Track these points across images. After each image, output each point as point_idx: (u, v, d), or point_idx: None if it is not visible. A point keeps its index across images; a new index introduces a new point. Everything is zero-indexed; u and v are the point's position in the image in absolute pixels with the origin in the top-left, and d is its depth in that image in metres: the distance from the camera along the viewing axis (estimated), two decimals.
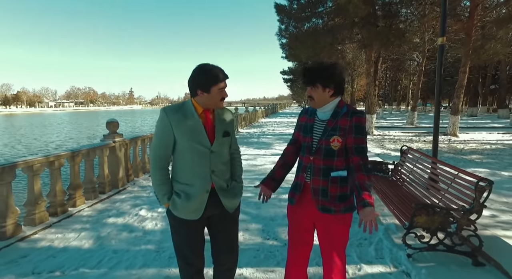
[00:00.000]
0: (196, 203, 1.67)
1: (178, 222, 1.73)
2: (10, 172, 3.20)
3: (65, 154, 4.02)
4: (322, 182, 1.74)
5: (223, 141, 1.72)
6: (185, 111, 1.66)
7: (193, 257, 1.78)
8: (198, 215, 1.70)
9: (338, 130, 1.71)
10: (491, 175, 6.20)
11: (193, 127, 1.63)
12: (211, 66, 1.63)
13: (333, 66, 1.72)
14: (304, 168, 1.81)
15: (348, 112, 1.73)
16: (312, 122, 1.81)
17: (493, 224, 3.54)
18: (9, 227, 3.18)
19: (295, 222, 1.91)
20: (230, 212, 1.78)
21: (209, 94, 1.62)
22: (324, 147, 1.73)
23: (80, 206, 4.23)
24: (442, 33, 4.65)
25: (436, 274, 2.50)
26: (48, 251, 3.01)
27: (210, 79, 1.60)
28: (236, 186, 1.83)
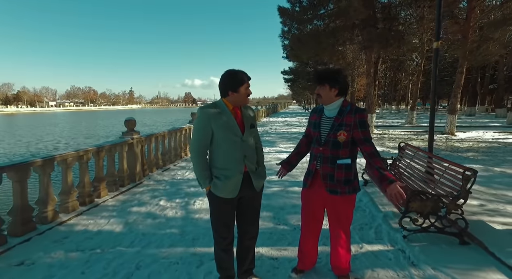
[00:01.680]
0: (233, 183, 2.03)
1: (218, 202, 2.08)
2: (50, 164, 3.59)
3: (91, 149, 4.40)
4: (330, 169, 2.10)
5: (250, 131, 2.10)
6: (220, 109, 2.02)
7: (227, 232, 2.16)
8: (235, 194, 2.06)
9: (344, 126, 2.05)
10: (484, 171, 6.57)
11: (227, 121, 2.00)
12: (237, 71, 2.01)
13: (339, 71, 2.12)
14: (315, 157, 2.17)
15: (352, 110, 2.07)
16: (320, 119, 2.16)
17: (481, 211, 3.93)
18: (49, 213, 3.56)
19: (308, 203, 2.28)
20: (257, 191, 2.16)
21: (238, 94, 1.99)
22: (332, 140, 2.07)
23: (104, 197, 4.61)
24: (437, 38, 5.03)
25: (428, 251, 2.89)
26: (85, 234, 3.40)
27: (238, 81, 1.98)
28: (262, 170, 2.22)
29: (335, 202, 2.15)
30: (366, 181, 5.37)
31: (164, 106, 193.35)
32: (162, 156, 6.77)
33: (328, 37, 11.73)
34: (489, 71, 28.38)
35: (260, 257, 2.83)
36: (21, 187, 3.25)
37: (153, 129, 22.00)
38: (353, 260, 2.78)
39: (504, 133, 13.69)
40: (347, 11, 9.98)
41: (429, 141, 5.31)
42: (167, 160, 6.97)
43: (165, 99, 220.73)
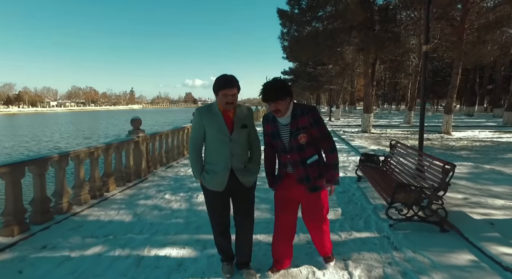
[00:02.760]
0: (220, 177, 2.21)
1: (208, 192, 2.30)
2: (65, 159, 3.90)
3: (101, 146, 4.71)
4: (303, 170, 2.21)
5: (241, 131, 2.21)
6: (212, 110, 2.21)
7: (220, 218, 2.37)
8: (222, 187, 2.23)
9: (301, 129, 2.13)
10: (474, 168, 6.87)
11: (216, 121, 2.17)
12: (223, 76, 2.13)
13: (284, 83, 2.15)
14: (284, 164, 2.27)
15: (304, 111, 2.14)
16: (277, 129, 2.22)
17: (463, 204, 4.22)
18: (64, 204, 3.87)
19: (283, 204, 2.37)
20: (247, 186, 2.29)
21: (218, 97, 2.14)
22: (295, 145, 2.17)
23: (112, 191, 4.92)
24: (425, 42, 5.33)
25: (410, 238, 3.18)
26: (98, 223, 3.71)
27: (216, 86, 2.12)
28: (253, 167, 2.33)
29: (313, 198, 2.27)
30: (359, 177, 5.66)
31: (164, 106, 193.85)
32: (165, 154, 7.08)
33: (326, 38, 12.04)
34: (487, 72, 28.65)
35: (258, 242, 3.12)
36: (41, 180, 3.56)
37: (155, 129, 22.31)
38: (342, 245, 3.08)
39: (499, 132, 13.98)
40: (344, 14, 10.28)
41: (419, 139, 5.61)
42: (170, 157, 7.27)
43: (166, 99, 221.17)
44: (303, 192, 2.24)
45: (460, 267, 2.60)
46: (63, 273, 2.58)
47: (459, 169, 6.75)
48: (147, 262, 2.77)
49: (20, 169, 3.27)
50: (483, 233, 3.12)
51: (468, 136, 12.95)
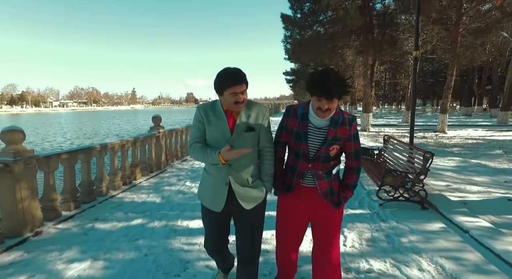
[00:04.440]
0: (216, 193, 1.75)
1: (205, 211, 1.87)
2: (104, 150, 4.60)
3: (130, 140, 5.41)
4: (328, 184, 1.79)
5: (245, 136, 1.73)
6: (214, 108, 1.76)
7: (213, 241, 1.93)
8: (219, 208, 1.75)
9: (338, 140, 1.73)
10: (462, 162, 7.52)
11: (217, 122, 1.73)
12: (228, 70, 1.65)
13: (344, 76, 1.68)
14: (301, 174, 1.79)
15: (345, 120, 1.73)
16: (306, 129, 1.74)
17: (445, 189, 4.89)
18: (103, 188, 4.56)
19: (292, 219, 1.91)
20: (246, 208, 1.76)
21: (223, 97, 1.67)
22: (323, 155, 1.74)
23: (139, 179, 5.61)
24: (415, 48, 6.00)
25: (395, 213, 3.86)
26: (133, 203, 4.40)
27: (222, 83, 1.64)
28: (259, 184, 1.81)
29: (335, 214, 1.86)
30: None
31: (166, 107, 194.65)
32: (180, 149, 7.77)
33: (327, 42, 12.71)
34: (486, 72, 29.24)
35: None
36: (87, 166, 4.25)
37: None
38: None
39: (492, 131, 14.62)
40: (344, 19, 10.95)
41: (410, 134, 6.29)
42: (184, 152, 7.96)
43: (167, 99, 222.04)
44: (320, 208, 1.82)
45: (432, 231, 3.28)
46: (118, 235, 3.26)
47: (448, 162, 7.43)
48: (182, 229, 3.45)
49: (75, 156, 3.97)
50: (455, 209, 3.80)
51: (462, 134, 13.59)
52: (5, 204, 3.03)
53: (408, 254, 2.80)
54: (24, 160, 3.10)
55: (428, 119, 24.88)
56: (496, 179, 5.70)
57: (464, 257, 2.71)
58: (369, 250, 2.91)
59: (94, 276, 2.48)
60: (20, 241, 3.00)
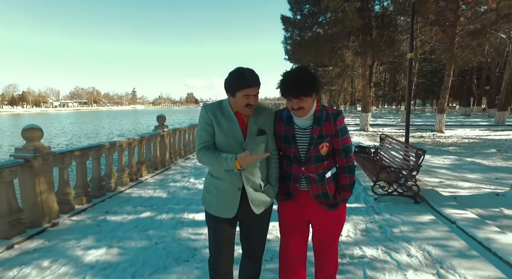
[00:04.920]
0: (228, 199, 1.68)
1: (213, 221, 1.75)
2: (113, 147, 4.83)
3: (137, 138, 5.64)
4: (321, 187, 1.73)
5: (257, 140, 1.68)
6: (223, 109, 1.67)
7: (220, 257, 1.78)
8: (231, 214, 1.69)
9: (325, 137, 1.67)
10: (457, 160, 7.75)
11: (228, 124, 1.65)
12: (242, 70, 1.59)
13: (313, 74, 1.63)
14: (296, 178, 1.75)
15: (329, 115, 1.68)
16: (293, 132, 1.71)
17: (438, 185, 5.12)
18: (112, 184, 4.80)
19: (293, 226, 1.86)
20: (256, 213, 1.74)
21: (234, 98, 1.60)
22: (314, 155, 1.69)
23: (145, 176, 5.84)
24: (410, 50, 6.23)
25: (389, 207, 4.09)
26: (141, 198, 4.63)
27: (235, 84, 1.57)
28: (269, 189, 1.78)
29: (332, 215, 1.79)
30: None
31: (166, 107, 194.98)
32: (184, 147, 8.01)
33: (327, 43, 12.95)
34: (484, 73, 29.50)
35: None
36: (97, 163, 4.49)
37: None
38: None
39: (489, 130, 14.86)
40: (343, 21, 11.19)
41: (406, 133, 6.53)
42: (187, 151, 8.20)
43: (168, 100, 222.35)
44: (319, 210, 1.78)
45: (422, 223, 3.51)
46: (129, 226, 3.50)
47: (443, 161, 7.66)
48: (188, 221, 3.68)
49: (86, 153, 4.20)
50: (445, 202, 4.03)
51: (459, 134, 13.83)
52: (26, 196, 3.27)
53: (398, 242, 3.04)
54: (43, 156, 3.33)
55: (427, 119, 25.12)
56: (488, 176, 5.93)
57: (449, 244, 2.95)
58: (363, 239, 3.14)
59: (110, 261, 2.71)
60: (40, 231, 3.24)
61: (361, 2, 12.76)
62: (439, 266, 2.57)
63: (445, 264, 2.59)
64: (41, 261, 2.67)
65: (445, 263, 2.61)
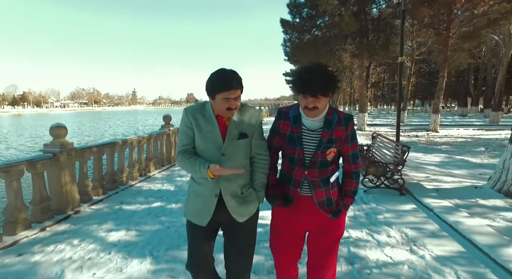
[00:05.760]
0: (203, 205, 1.61)
1: (189, 224, 1.69)
2: (125, 144, 5.27)
3: (146, 136, 6.08)
4: (325, 192, 1.63)
5: (237, 143, 1.60)
6: (204, 112, 1.62)
7: (198, 259, 1.71)
8: (204, 222, 1.62)
9: (334, 142, 1.57)
10: (446, 158, 8.17)
11: (208, 128, 1.59)
12: (223, 72, 1.52)
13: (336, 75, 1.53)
14: (298, 182, 1.64)
15: (341, 120, 1.59)
16: (300, 132, 1.60)
17: (424, 179, 5.55)
18: (124, 178, 5.23)
19: (289, 234, 1.73)
20: (239, 221, 1.64)
21: (214, 101, 1.55)
22: (320, 160, 1.59)
23: (153, 172, 6.27)
24: (400, 54, 6.66)
25: (376, 197, 4.52)
26: (151, 191, 5.06)
27: (215, 87, 1.51)
28: (251, 194, 1.67)
29: (333, 223, 1.68)
30: None
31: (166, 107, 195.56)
32: None
33: (324, 45, 13.40)
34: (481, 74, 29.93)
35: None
36: (111, 158, 4.93)
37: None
38: None
39: (482, 130, 15.29)
40: (340, 25, 11.62)
41: (396, 132, 6.96)
42: None
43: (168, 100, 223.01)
44: (319, 219, 1.66)
45: (404, 210, 3.95)
46: (143, 214, 3.93)
47: (434, 158, 8.09)
48: None
49: (102, 149, 4.64)
50: (427, 194, 4.47)
51: (453, 133, 14.25)
52: (53, 187, 3.70)
53: (381, 226, 3.47)
54: (67, 151, 3.77)
55: (424, 119, 25.56)
56: (473, 172, 6.35)
57: (424, 227, 3.38)
58: (350, 224, 3.57)
59: (130, 241, 3.14)
60: (65, 217, 3.68)
61: (358, 6, 13.20)
62: (412, 244, 3.00)
63: (418, 242, 3.02)
64: (71, 240, 3.11)
65: (418, 241, 3.05)
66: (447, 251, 2.82)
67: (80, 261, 2.70)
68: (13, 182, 3.11)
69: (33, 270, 2.55)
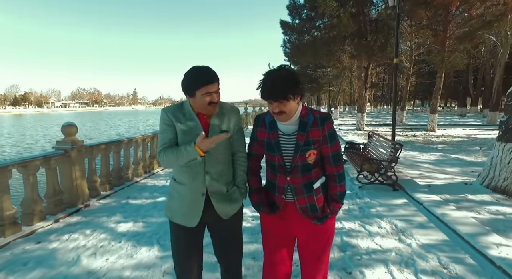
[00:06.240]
0: (191, 206, 1.60)
1: (175, 227, 1.67)
2: (130, 143, 5.51)
3: (150, 135, 6.33)
4: (308, 199, 1.58)
5: (219, 141, 1.56)
6: (184, 110, 1.61)
7: (185, 265, 1.70)
8: (193, 222, 1.61)
9: (312, 144, 1.52)
10: (441, 156, 8.38)
11: (190, 126, 1.58)
12: (198, 69, 1.52)
13: (294, 74, 1.48)
14: (282, 189, 1.60)
15: (316, 120, 1.53)
16: (277, 138, 1.57)
17: (417, 176, 5.77)
18: (129, 175, 5.47)
19: (278, 240, 1.70)
20: (224, 218, 1.65)
21: (194, 98, 1.53)
22: (300, 164, 1.55)
23: (156, 169, 6.51)
24: (395, 56, 6.88)
25: (370, 193, 4.75)
26: (155, 187, 5.29)
27: (193, 83, 1.50)
28: (235, 191, 1.69)
29: (319, 229, 1.63)
30: (344, 160, 7.22)
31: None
32: None
33: (323, 46, 13.61)
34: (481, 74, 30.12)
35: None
36: (117, 156, 5.16)
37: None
38: None
39: (479, 130, 15.50)
40: (338, 26, 11.84)
41: (392, 131, 7.18)
42: None
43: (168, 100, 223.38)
44: (306, 225, 1.62)
45: (396, 204, 4.17)
46: (149, 207, 4.16)
47: (429, 157, 8.31)
48: None
49: (109, 147, 4.88)
50: (419, 189, 4.69)
51: (450, 133, 14.46)
52: (64, 181, 3.94)
53: (373, 219, 3.69)
54: (78, 148, 4.00)
55: (423, 119, 25.77)
56: (465, 170, 6.57)
57: (413, 219, 3.61)
58: (344, 217, 3.79)
59: (138, 231, 3.37)
60: (76, 210, 3.91)
61: (356, 8, 13.42)
62: (401, 234, 3.23)
63: (406, 232, 3.25)
64: (84, 230, 3.34)
65: (406, 232, 3.27)
66: (432, 240, 3.05)
67: (93, 249, 2.93)
68: (30, 176, 3.34)
69: (52, 255, 2.78)
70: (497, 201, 4.24)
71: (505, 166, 4.51)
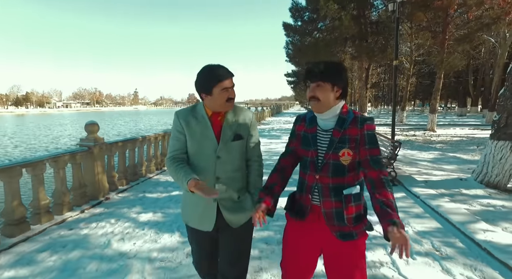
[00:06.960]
0: (204, 212, 1.59)
1: (191, 232, 1.71)
2: (144, 141, 5.83)
3: (161, 133, 6.66)
4: (335, 204, 1.43)
5: (232, 145, 1.58)
6: (196, 114, 1.59)
7: (205, 267, 1.77)
8: (209, 227, 1.60)
9: (348, 142, 1.41)
10: (440, 155, 8.69)
11: (201, 130, 1.56)
12: (211, 66, 1.53)
13: (342, 64, 1.49)
14: (309, 188, 1.48)
15: (357, 118, 1.45)
16: (314, 132, 1.49)
17: (415, 173, 6.08)
18: (143, 171, 5.79)
19: (297, 251, 1.55)
20: (233, 227, 1.61)
21: (212, 96, 1.51)
22: (332, 162, 1.43)
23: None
24: (395, 58, 7.19)
25: None
26: (168, 182, 5.60)
27: (210, 80, 1.50)
28: (247, 199, 1.63)
29: (344, 249, 1.45)
30: None
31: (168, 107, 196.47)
32: None
33: (325, 47, 13.93)
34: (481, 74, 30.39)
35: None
36: (133, 153, 5.49)
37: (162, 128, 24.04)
38: None
39: (478, 130, 15.79)
40: (339, 28, 12.16)
41: (392, 130, 7.49)
42: None
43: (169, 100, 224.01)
44: (329, 238, 1.46)
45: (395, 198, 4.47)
46: (165, 200, 4.48)
47: (428, 155, 8.61)
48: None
49: (126, 144, 5.21)
50: (416, 184, 5.00)
51: (449, 133, 14.76)
52: (88, 176, 4.26)
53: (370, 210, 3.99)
54: (99, 145, 4.32)
55: (423, 119, 26.05)
56: (462, 167, 6.87)
57: (410, 210, 3.92)
58: None
59: (158, 220, 3.69)
60: (98, 202, 4.23)
61: (357, 10, 13.74)
62: None
63: (404, 222, 3.56)
64: (109, 219, 3.66)
65: (404, 221, 3.58)
66: (427, 227, 3.36)
67: (120, 235, 3.25)
68: (60, 170, 3.66)
69: (85, 239, 3.10)
70: (489, 195, 4.55)
71: (497, 162, 4.81)
